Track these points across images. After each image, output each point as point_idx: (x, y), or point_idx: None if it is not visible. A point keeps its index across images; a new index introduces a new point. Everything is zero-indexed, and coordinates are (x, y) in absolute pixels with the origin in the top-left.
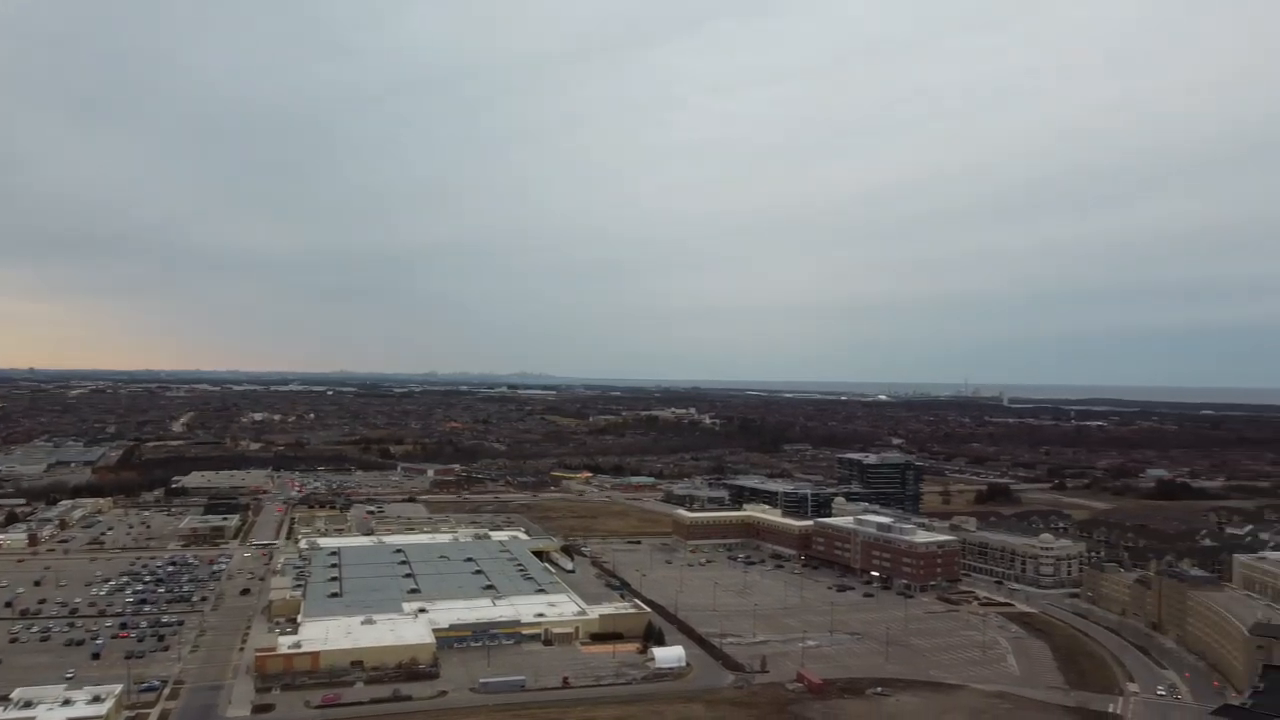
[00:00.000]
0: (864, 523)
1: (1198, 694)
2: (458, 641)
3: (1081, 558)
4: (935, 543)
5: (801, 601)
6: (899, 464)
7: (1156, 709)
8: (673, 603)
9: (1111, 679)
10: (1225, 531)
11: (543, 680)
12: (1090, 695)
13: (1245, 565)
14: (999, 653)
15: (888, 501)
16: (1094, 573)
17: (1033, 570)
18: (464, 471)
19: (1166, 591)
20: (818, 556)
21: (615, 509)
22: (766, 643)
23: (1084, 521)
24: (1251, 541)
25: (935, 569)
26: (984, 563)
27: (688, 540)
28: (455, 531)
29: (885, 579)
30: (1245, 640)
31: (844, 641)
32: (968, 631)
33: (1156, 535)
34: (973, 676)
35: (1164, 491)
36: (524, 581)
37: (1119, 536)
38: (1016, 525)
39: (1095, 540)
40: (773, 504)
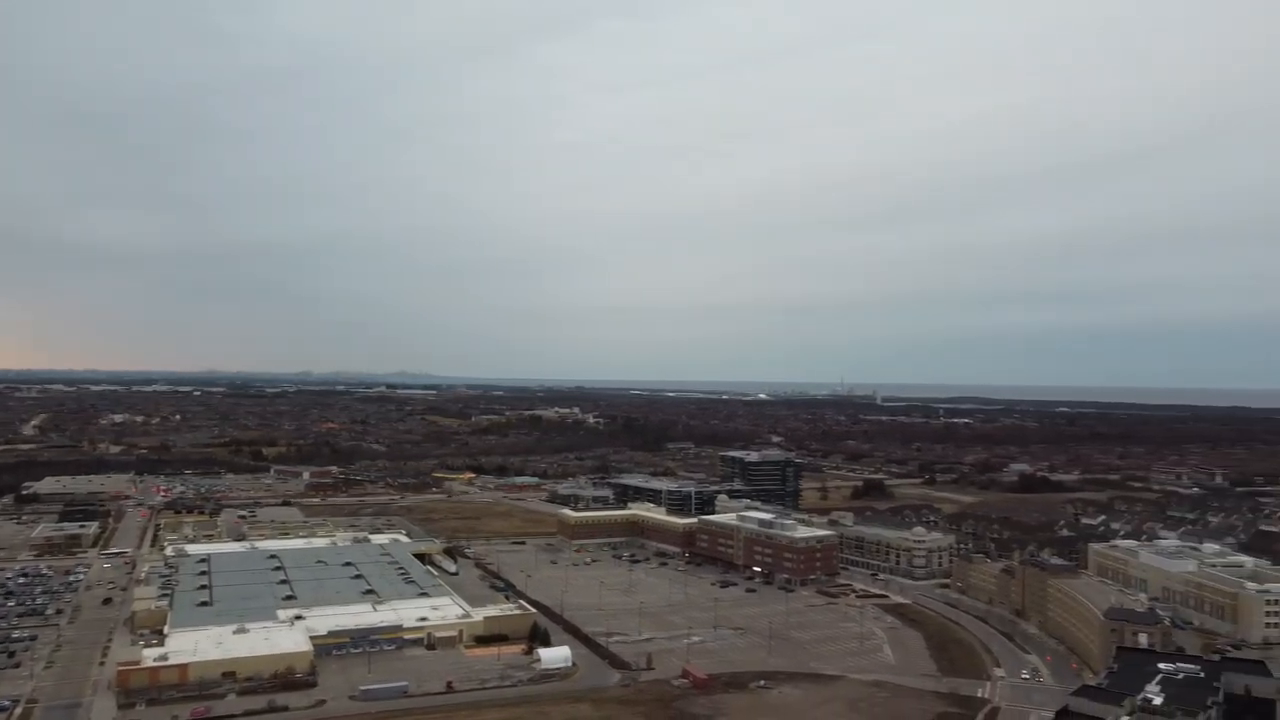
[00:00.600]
0: (746, 519)
1: (1058, 676)
2: (337, 648)
3: (951, 549)
4: (815, 538)
5: (686, 598)
6: (779, 461)
7: (1021, 691)
8: (558, 603)
9: (980, 665)
10: (1081, 522)
11: (426, 685)
12: (961, 681)
13: (1099, 553)
14: (876, 643)
15: (769, 498)
16: (963, 564)
17: (906, 562)
18: (341, 473)
19: (1029, 580)
20: (702, 553)
21: (499, 510)
22: (652, 640)
23: (953, 515)
24: (1104, 531)
25: (815, 563)
26: (861, 556)
27: (573, 540)
28: (333, 535)
29: (767, 574)
30: (1101, 624)
31: (728, 637)
32: (846, 623)
33: (1019, 527)
34: (851, 667)
35: (1025, 485)
36: (406, 585)
37: (985, 528)
38: (890, 519)
39: (964, 532)
40: (657, 502)
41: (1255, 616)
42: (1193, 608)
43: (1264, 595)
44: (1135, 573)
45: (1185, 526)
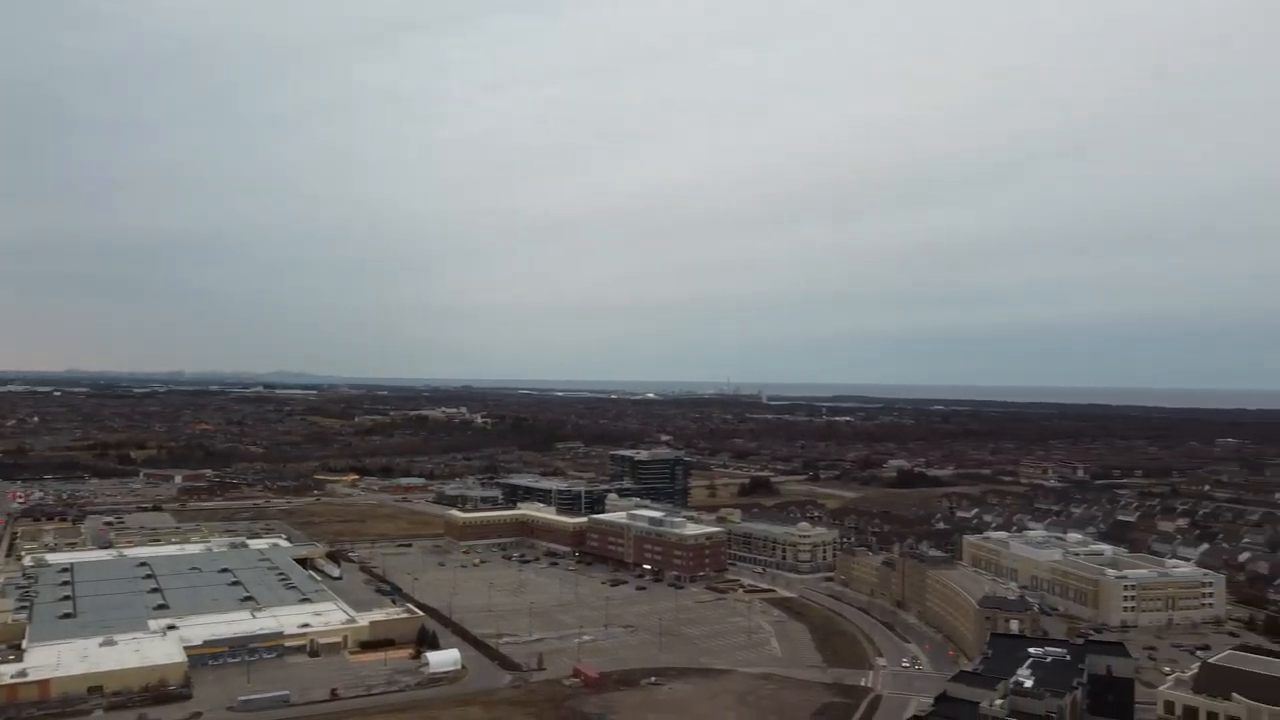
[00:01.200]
0: (636, 517)
1: (936, 663)
2: (213, 659)
3: (835, 544)
4: (704, 535)
5: (576, 597)
6: (669, 460)
7: (901, 679)
8: (447, 605)
9: (863, 655)
10: (956, 515)
11: (309, 694)
12: (845, 671)
13: (973, 545)
14: (763, 637)
15: (658, 496)
16: (846, 557)
17: (792, 557)
18: (216, 477)
19: (908, 572)
20: (592, 552)
21: (384, 512)
22: (543, 640)
23: (836, 510)
24: (977, 523)
25: (704, 560)
26: (748, 552)
27: (461, 541)
28: (208, 541)
29: (657, 572)
30: (975, 612)
31: (618, 635)
32: (735, 618)
33: (899, 521)
34: (740, 660)
35: (904, 481)
36: (286, 591)
37: (867, 523)
38: (777, 515)
39: (846, 527)
40: (547, 502)
41: (1114, 601)
42: (1059, 594)
43: (1122, 581)
44: (1006, 563)
45: (1051, 518)
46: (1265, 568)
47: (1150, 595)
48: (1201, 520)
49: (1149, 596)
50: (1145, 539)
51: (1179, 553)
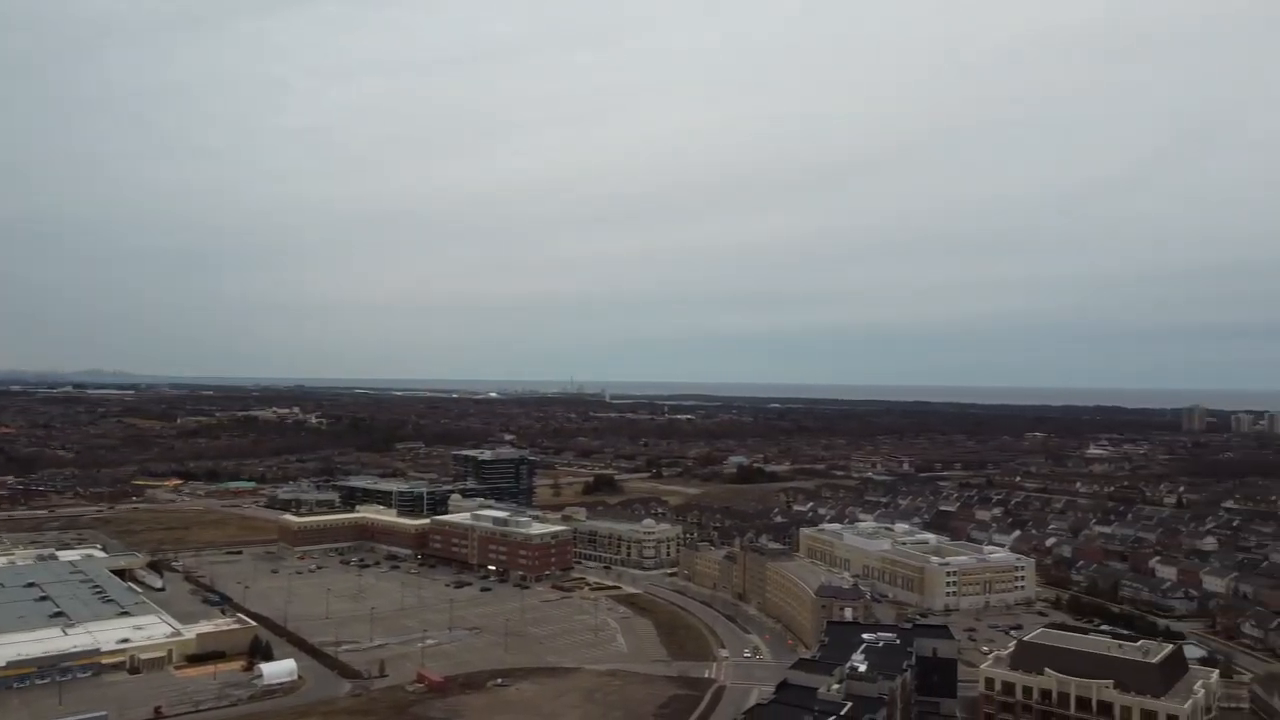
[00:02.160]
0: (480, 518)
1: (776, 653)
2: (18, 681)
3: (678, 539)
4: (549, 533)
5: (419, 601)
6: (513, 459)
7: (743, 669)
8: (282, 614)
9: (706, 647)
10: (793, 509)
11: (129, 713)
12: (690, 664)
13: (809, 537)
14: (609, 633)
15: (503, 496)
16: (689, 552)
17: (637, 554)
18: (20, 484)
19: (749, 565)
20: (435, 555)
21: (211, 518)
22: (385, 646)
23: (679, 506)
24: (813, 516)
25: (550, 559)
26: (594, 549)
27: (296, 546)
28: (11, 554)
29: (502, 572)
30: (812, 602)
31: (463, 637)
32: (581, 616)
33: (739, 515)
34: (587, 658)
35: (744, 476)
36: (103, 605)
37: (709, 518)
38: (621, 513)
39: (689, 523)
40: (387, 504)
41: (938, 587)
42: (888, 582)
43: (945, 568)
44: (840, 553)
45: (880, 509)
46: (1069, 551)
47: (970, 580)
48: (1013, 509)
49: (969, 581)
50: (965, 527)
51: (994, 539)
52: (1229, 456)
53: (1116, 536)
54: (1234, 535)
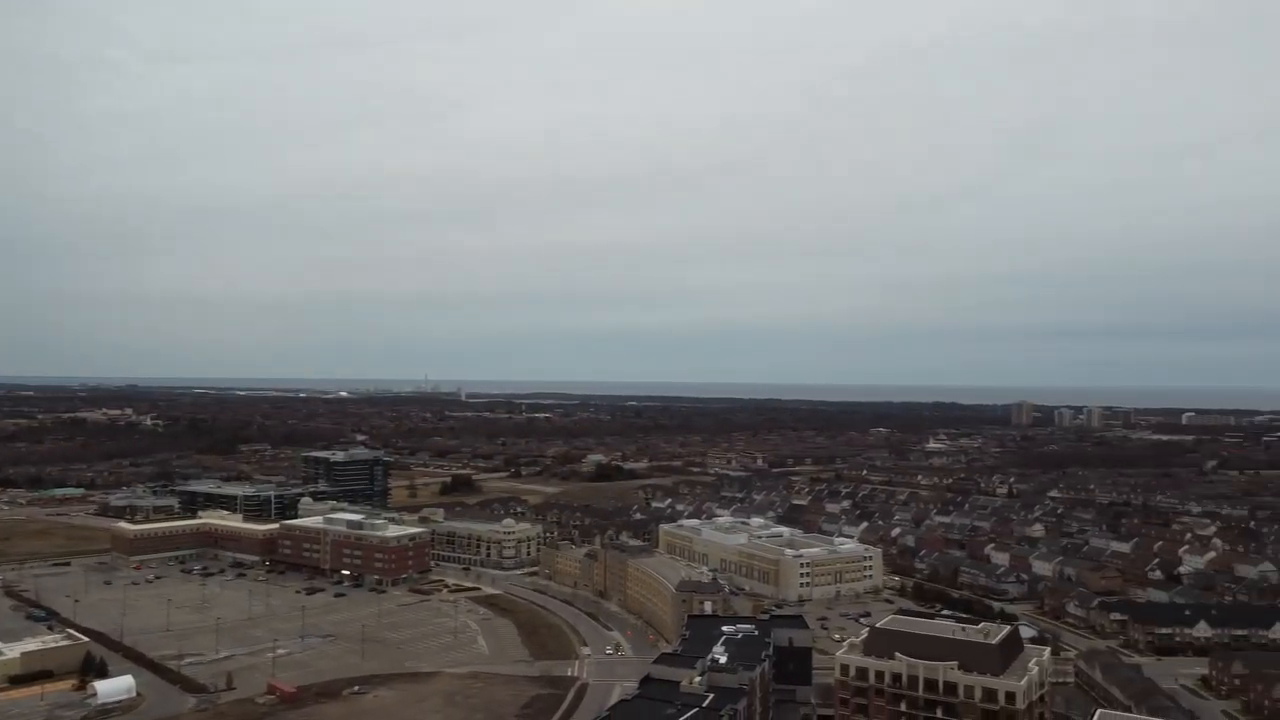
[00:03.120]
0: (333, 521)
1: (638, 649)
2: None
3: (538, 538)
4: (406, 536)
5: (268, 609)
6: (367, 460)
7: (606, 666)
8: (117, 628)
9: (569, 646)
10: (651, 505)
11: None
12: (552, 663)
13: (667, 533)
14: (470, 635)
15: (356, 498)
16: (550, 551)
17: (497, 554)
18: None
19: (610, 562)
20: (285, 561)
21: (34, 527)
22: (232, 657)
23: (538, 505)
24: (671, 513)
25: (407, 562)
26: (453, 551)
27: (132, 555)
28: None
29: (357, 577)
30: (673, 596)
31: (317, 645)
32: (440, 619)
33: (599, 513)
34: (447, 661)
35: (602, 474)
36: None
37: (569, 517)
38: (480, 513)
39: (549, 522)
40: (232, 509)
41: (792, 578)
42: (745, 575)
43: (799, 560)
44: (699, 548)
45: (736, 504)
46: (912, 541)
47: (822, 571)
48: (861, 502)
49: (821, 572)
50: (816, 520)
51: (844, 531)
52: (1053, 449)
53: (955, 526)
54: (1059, 522)
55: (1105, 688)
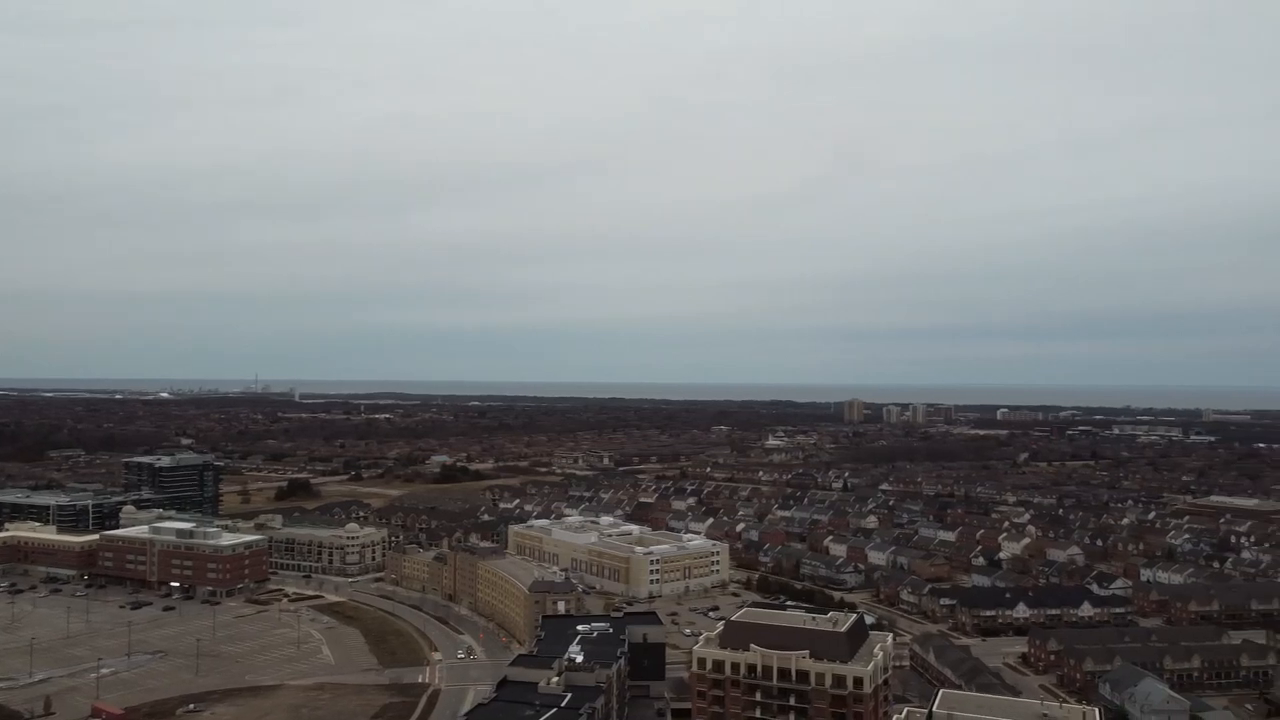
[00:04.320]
0: (161, 530)
1: (491, 652)
2: None
3: (384, 543)
4: (242, 544)
5: (89, 627)
6: (196, 465)
7: (458, 671)
8: None
9: (419, 651)
10: (499, 506)
11: None
12: (402, 670)
13: (517, 534)
14: (314, 645)
15: (185, 506)
16: (396, 555)
17: (340, 560)
18: None
19: (460, 565)
20: (106, 574)
21: None
22: (49, 680)
23: (382, 509)
24: (520, 513)
25: (243, 571)
26: (293, 558)
27: None
28: None
29: (188, 588)
30: (526, 597)
31: (145, 663)
32: (281, 630)
33: (446, 515)
34: (290, 673)
35: (448, 475)
36: None
37: (415, 520)
38: (321, 518)
39: (394, 525)
40: (45, 520)
41: (642, 575)
42: (595, 574)
43: (649, 557)
44: (549, 548)
45: (585, 504)
46: (756, 535)
47: (671, 567)
48: (706, 498)
49: (670, 568)
50: (663, 518)
51: (690, 528)
52: (882, 444)
53: (795, 519)
54: (890, 514)
55: (938, 669)
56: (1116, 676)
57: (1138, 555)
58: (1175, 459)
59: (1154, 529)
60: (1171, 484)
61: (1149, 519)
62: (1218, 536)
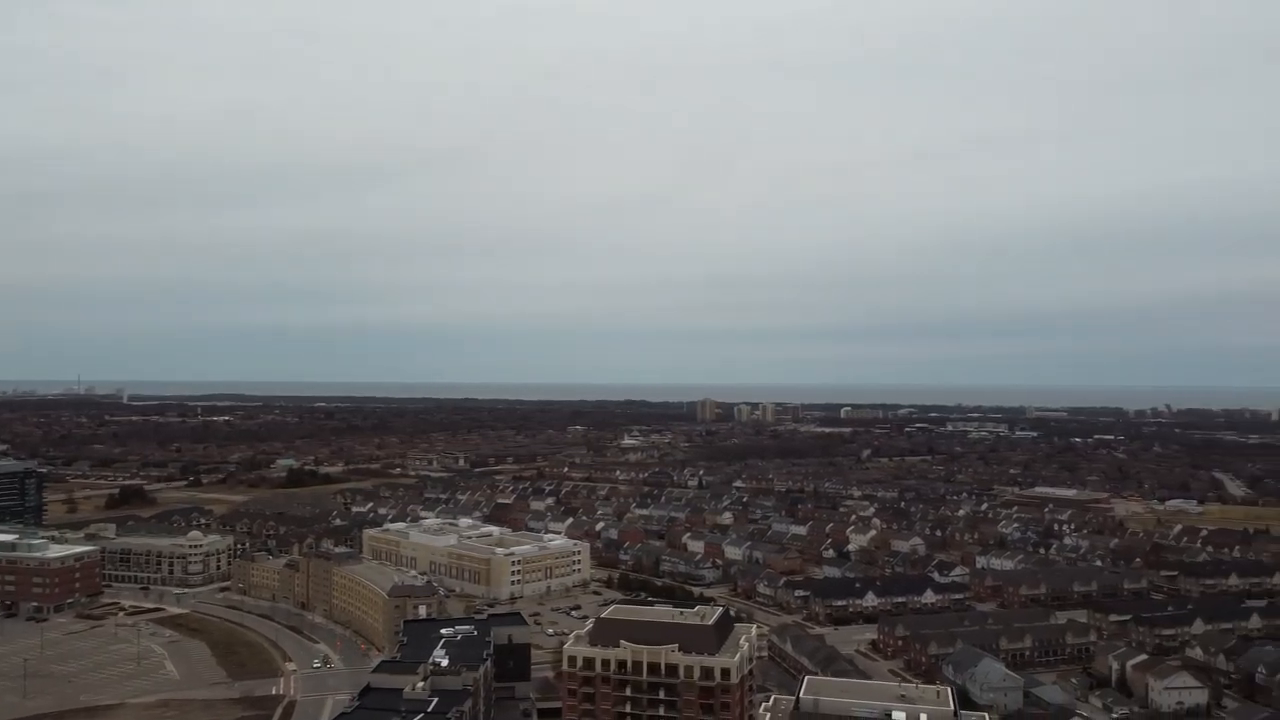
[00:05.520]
0: None
1: (349, 660)
2: None
3: (229, 551)
4: (71, 555)
5: None
6: (17, 473)
7: (315, 680)
8: None
9: (271, 662)
10: (352, 511)
11: None
12: (254, 682)
13: (373, 538)
14: (155, 660)
15: (4, 516)
16: (244, 564)
17: (181, 570)
18: None
19: (314, 571)
20: None
21: None
22: None
23: (226, 515)
24: (374, 517)
25: (74, 584)
26: (129, 569)
27: None
28: None
29: (10, 605)
30: (386, 602)
31: None
32: (118, 645)
33: (295, 521)
34: (131, 691)
35: (295, 479)
36: None
37: (262, 526)
38: (159, 526)
39: (240, 532)
40: None
41: (503, 577)
42: (455, 576)
43: (510, 558)
44: (407, 552)
45: (442, 506)
46: (615, 534)
47: (533, 568)
48: (564, 498)
49: (532, 569)
50: (522, 518)
51: (550, 528)
52: (735, 442)
53: (654, 517)
54: (745, 510)
55: (795, 658)
56: (958, 658)
57: (973, 544)
58: (1003, 453)
59: (987, 519)
60: (1000, 477)
61: (982, 510)
62: (1043, 525)
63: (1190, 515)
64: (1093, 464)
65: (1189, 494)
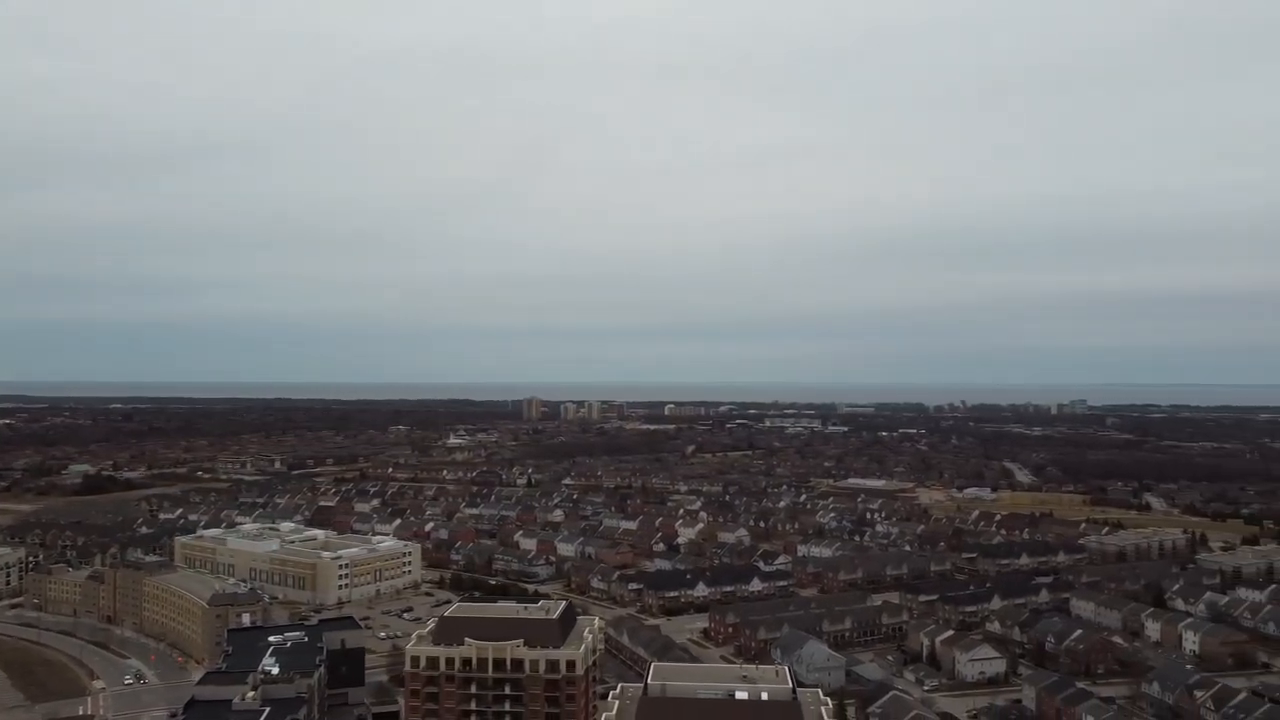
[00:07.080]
0: None
1: (165, 674)
2: None
3: (22, 564)
4: None
5: None
6: None
7: (128, 698)
8: None
9: (76, 681)
10: (160, 518)
11: None
12: (57, 704)
13: (185, 545)
14: None
15: None
16: (40, 577)
17: None
18: None
19: (121, 583)
20: None
21: None
22: None
23: (14, 526)
24: (184, 524)
25: None
26: None
27: None
28: None
29: None
30: (205, 612)
31: None
32: None
33: (96, 530)
34: None
35: (92, 486)
36: None
37: (58, 536)
38: None
39: (33, 543)
40: None
41: (331, 581)
42: (278, 583)
43: (337, 561)
44: (224, 559)
45: (259, 510)
46: (446, 534)
47: (361, 571)
48: (390, 499)
49: (361, 572)
50: (347, 521)
51: (377, 530)
52: (562, 440)
53: (484, 516)
54: (575, 507)
55: (631, 649)
56: (785, 642)
57: (794, 534)
58: (817, 448)
59: (806, 510)
60: (816, 470)
61: (801, 501)
62: (856, 514)
63: (985, 502)
64: (899, 456)
65: (984, 482)
